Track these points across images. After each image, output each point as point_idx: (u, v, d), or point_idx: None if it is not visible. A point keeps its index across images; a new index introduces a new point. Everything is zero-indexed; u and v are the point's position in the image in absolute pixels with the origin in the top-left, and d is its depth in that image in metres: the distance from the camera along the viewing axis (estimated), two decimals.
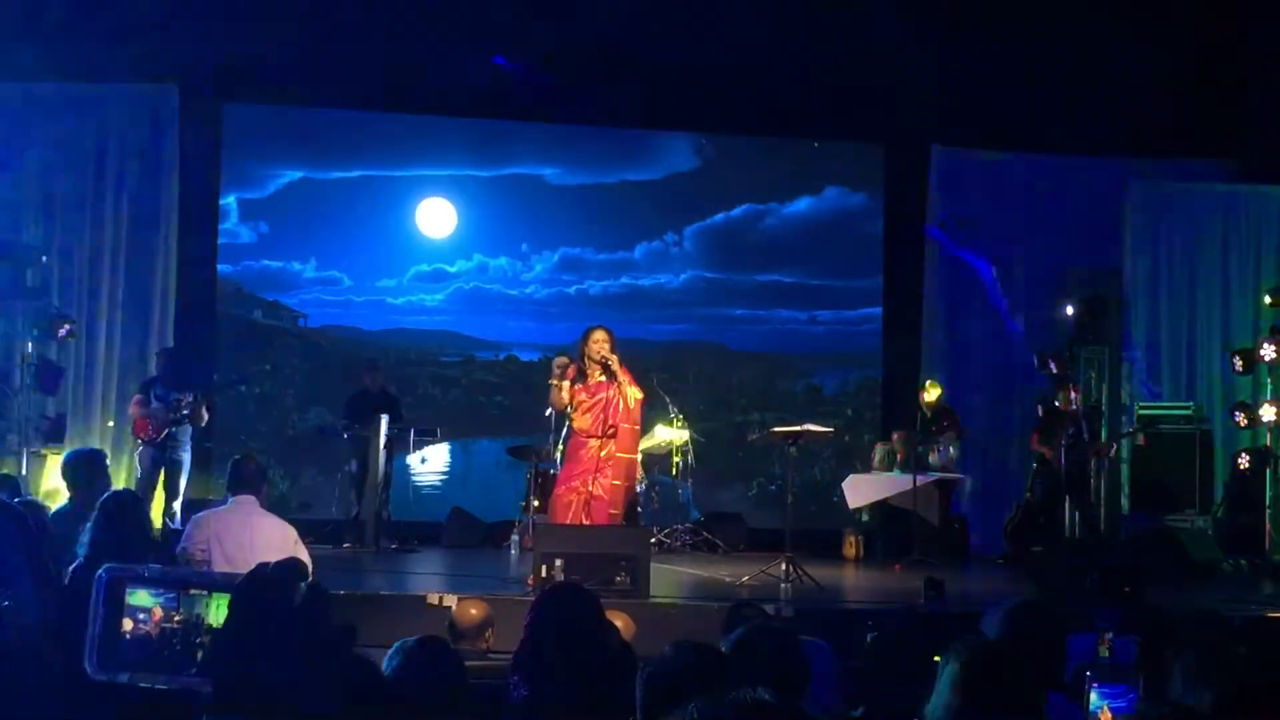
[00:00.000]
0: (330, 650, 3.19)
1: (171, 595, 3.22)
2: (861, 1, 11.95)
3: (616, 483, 8.70)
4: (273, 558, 6.28)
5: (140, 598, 3.21)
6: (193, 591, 3.25)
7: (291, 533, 6.52)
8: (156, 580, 3.25)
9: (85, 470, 6.79)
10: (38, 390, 11.29)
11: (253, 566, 3.17)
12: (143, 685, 3.18)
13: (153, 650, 3.20)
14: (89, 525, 5.37)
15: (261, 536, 6.42)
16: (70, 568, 5.28)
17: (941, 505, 11.63)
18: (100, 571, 3.24)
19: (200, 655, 3.16)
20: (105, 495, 5.62)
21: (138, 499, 5.96)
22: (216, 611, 3.21)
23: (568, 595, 4.00)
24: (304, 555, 6.62)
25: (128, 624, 3.20)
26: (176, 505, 10.79)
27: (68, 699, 3.53)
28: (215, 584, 3.28)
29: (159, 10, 11.32)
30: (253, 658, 2.97)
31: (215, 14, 11.44)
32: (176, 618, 3.21)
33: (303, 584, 3.13)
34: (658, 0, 11.94)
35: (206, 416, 10.95)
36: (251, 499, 6.51)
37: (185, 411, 10.65)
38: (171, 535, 9.56)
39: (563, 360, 9.01)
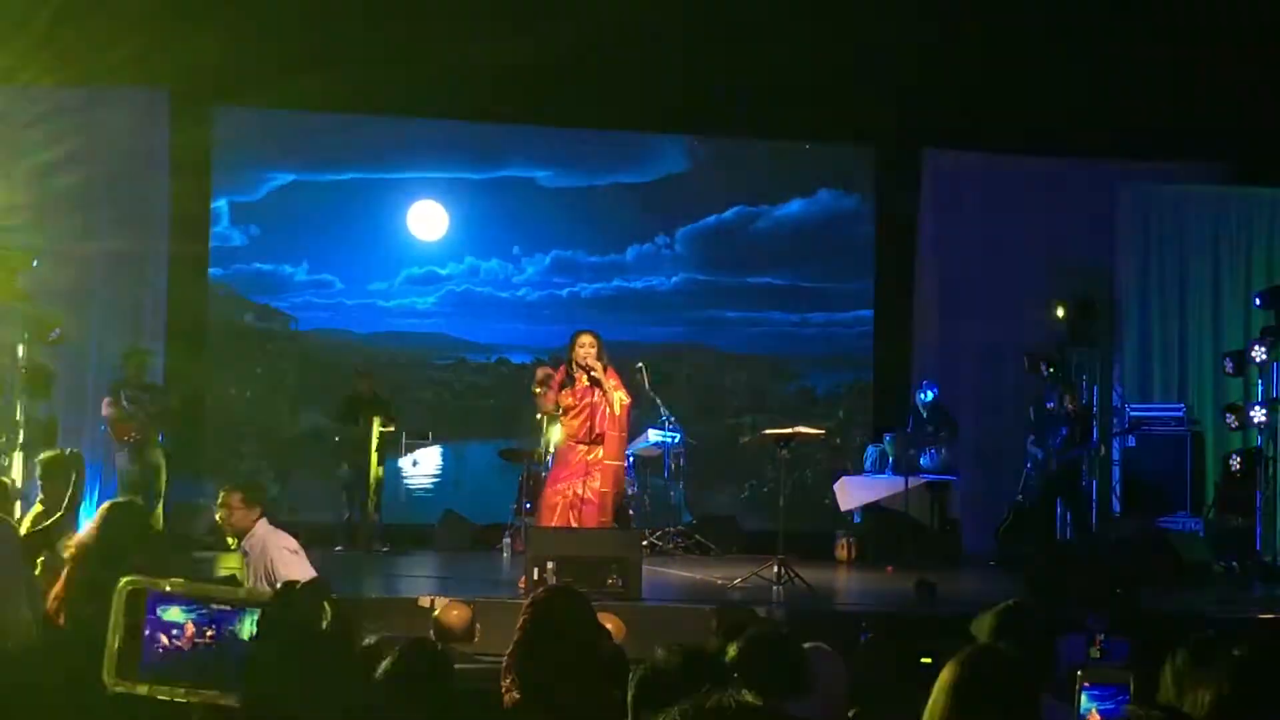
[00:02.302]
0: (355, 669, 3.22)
1: (204, 611, 3.25)
2: (854, 3, 11.95)
3: (605, 490, 8.71)
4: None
5: (173, 614, 3.24)
6: (221, 607, 3.27)
7: None
8: (185, 596, 3.27)
9: (66, 472, 6.78)
10: (28, 394, 11.26)
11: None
12: (161, 698, 3.20)
13: (184, 664, 3.22)
14: (88, 528, 5.31)
15: None
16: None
17: (933, 507, 11.65)
18: (122, 584, 3.26)
19: (231, 669, 3.19)
20: (108, 503, 5.56)
21: (142, 509, 5.90)
22: (251, 627, 3.23)
23: (561, 599, 3.99)
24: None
25: (163, 639, 3.22)
26: (159, 507, 10.79)
27: (80, 710, 3.53)
28: (239, 603, 3.30)
29: (150, 13, 11.30)
30: (281, 672, 2.99)
31: (206, 17, 11.41)
32: (209, 633, 3.24)
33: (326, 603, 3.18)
34: (650, 2, 11.93)
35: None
36: None
37: (158, 410, 10.73)
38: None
39: (545, 371, 8.99)
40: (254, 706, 3.03)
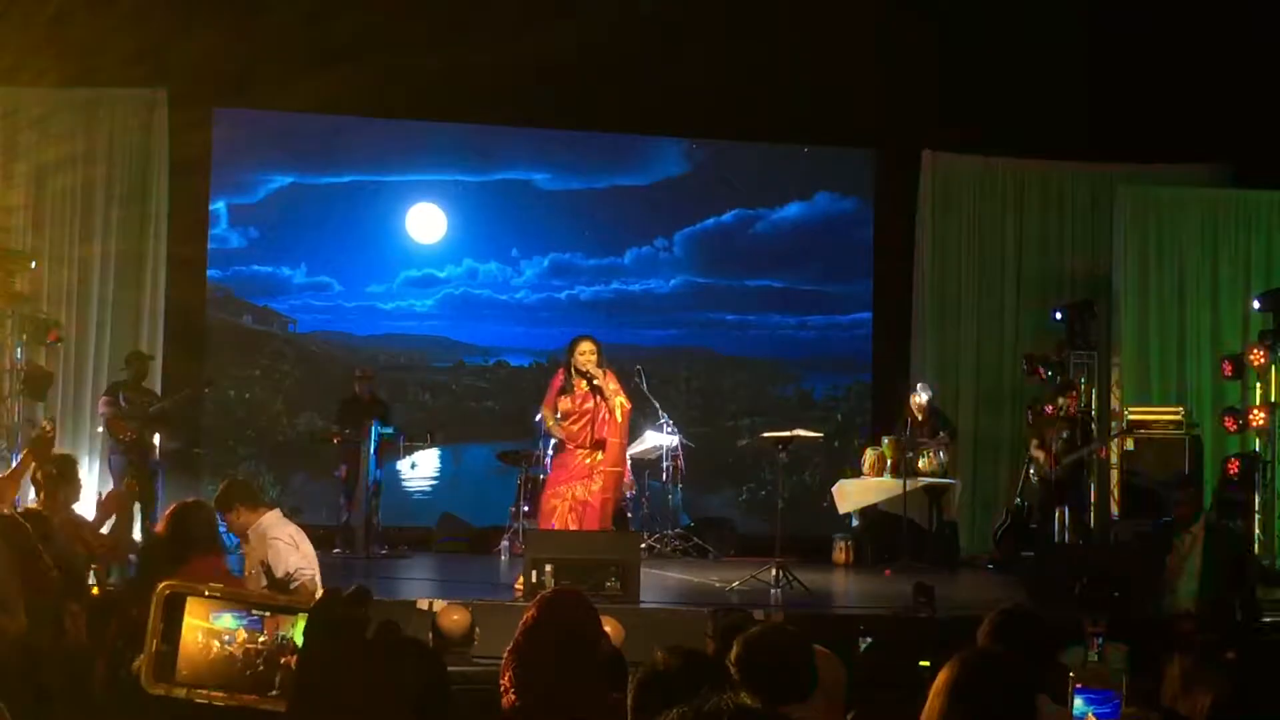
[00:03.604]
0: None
1: (255, 618, 3.25)
2: (852, 6, 11.95)
3: (606, 496, 8.70)
4: None
5: (226, 620, 3.24)
6: (260, 613, 3.27)
7: None
8: (226, 602, 3.28)
9: (67, 475, 6.82)
10: (27, 397, 11.26)
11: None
12: (200, 701, 3.20)
13: (236, 670, 3.22)
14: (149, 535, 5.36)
15: None
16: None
17: (931, 510, 11.64)
18: (160, 588, 3.26)
19: (282, 675, 3.19)
20: (179, 502, 5.57)
21: (212, 509, 5.87)
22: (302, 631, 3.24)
23: (569, 600, 3.97)
24: None
25: (216, 645, 3.22)
26: (156, 511, 10.75)
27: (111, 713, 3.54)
28: (282, 608, 3.30)
29: (150, 13, 11.30)
30: (330, 677, 3.00)
31: (205, 18, 11.42)
32: (261, 639, 3.23)
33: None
34: (648, 5, 11.94)
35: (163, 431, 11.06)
36: None
37: (156, 411, 10.75)
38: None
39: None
40: (301, 710, 3.03)
